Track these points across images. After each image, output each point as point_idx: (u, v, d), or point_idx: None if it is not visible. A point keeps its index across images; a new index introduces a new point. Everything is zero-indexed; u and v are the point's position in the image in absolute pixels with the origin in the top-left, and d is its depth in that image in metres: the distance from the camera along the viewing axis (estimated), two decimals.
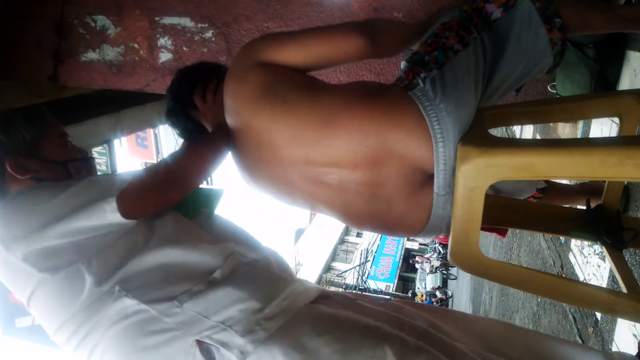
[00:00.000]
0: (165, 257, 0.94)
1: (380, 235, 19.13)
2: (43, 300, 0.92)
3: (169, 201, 1.01)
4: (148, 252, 0.93)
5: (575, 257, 2.13)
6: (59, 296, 0.90)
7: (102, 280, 0.89)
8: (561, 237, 2.37)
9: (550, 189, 1.76)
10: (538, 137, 3.07)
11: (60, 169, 1.06)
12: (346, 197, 1.08)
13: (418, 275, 18.52)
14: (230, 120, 1.14)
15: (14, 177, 1.01)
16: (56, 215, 0.90)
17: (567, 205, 1.81)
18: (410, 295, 17.48)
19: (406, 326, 0.94)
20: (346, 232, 24.56)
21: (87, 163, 1.13)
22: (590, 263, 1.92)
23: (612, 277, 1.71)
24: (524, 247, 3.36)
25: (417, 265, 18.04)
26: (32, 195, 0.94)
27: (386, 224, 1.14)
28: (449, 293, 14.81)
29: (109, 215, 0.91)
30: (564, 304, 2.39)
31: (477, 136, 0.99)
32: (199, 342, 0.85)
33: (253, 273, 0.98)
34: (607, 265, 1.74)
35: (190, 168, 1.04)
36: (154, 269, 0.92)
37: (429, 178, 1.04)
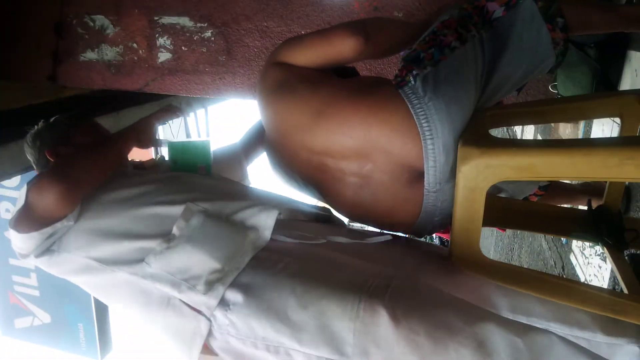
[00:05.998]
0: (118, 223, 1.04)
1: None
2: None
3: (55, 203, 0.96)
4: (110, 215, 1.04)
5: (576, 257, 2.13)
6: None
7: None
8: (562, 238, 2.36)
9: (552, 186, 1.76)
10: (539, 137, 3.07)
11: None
12: (338, 185, 1.13)
13: None
14: (259, 113, 1.24)
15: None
16: None
17: (569, 205, 1.81)
18: None
19: (391, 287, 0.91)
20: None
21: None
22: (592, 264, 1.91)
23: (613, 278, 1.70)
24: (524, 247, 3.35)
25: None
26: None
27: (375, 217, 1.17)
28: None
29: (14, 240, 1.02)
30: None
31: (478, 136, 0.98)
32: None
33: (207, 229, 1.00)
34: (608, 266, 1.73)
35: (82, 163, 1.05)
36: (120, 234, 1.02)
37: (419, 175, 1.05)
